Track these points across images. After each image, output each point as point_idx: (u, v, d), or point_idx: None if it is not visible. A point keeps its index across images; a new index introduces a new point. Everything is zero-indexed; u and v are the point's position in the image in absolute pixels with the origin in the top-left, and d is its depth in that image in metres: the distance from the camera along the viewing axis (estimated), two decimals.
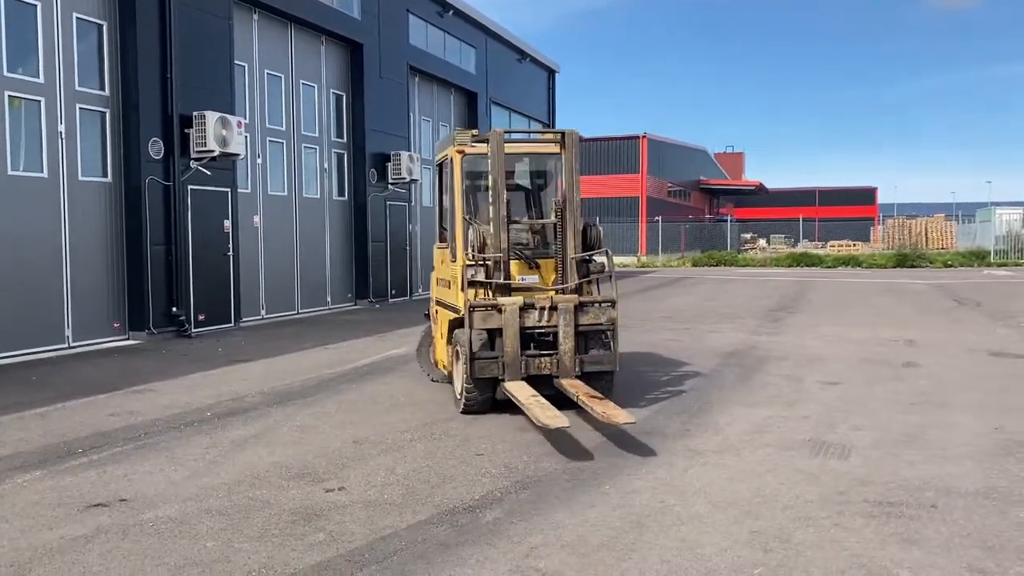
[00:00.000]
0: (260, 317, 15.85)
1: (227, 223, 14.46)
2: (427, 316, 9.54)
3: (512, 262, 7.78)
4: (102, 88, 12.46)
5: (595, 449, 6.38)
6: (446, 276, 8.51)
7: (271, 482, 5.60)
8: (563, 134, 7.80)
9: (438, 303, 8.89)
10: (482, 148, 7.88)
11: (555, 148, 8.15)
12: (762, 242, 57.10)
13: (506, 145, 7.70)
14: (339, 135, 18.57)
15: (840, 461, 5.98)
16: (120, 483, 5.60)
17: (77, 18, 12.01)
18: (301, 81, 17.20)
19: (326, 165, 18.10)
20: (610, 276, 7.90)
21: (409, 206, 20.60)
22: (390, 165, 19.25)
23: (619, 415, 6.53)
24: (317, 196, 17.81)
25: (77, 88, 12.03)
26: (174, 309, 13.19)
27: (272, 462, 6.09)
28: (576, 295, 7.60)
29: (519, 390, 7.10)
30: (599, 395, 7.07)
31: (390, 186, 19.42)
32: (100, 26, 12.41)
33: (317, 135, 17.79)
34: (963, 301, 18.67)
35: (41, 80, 11.50)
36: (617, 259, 41.63)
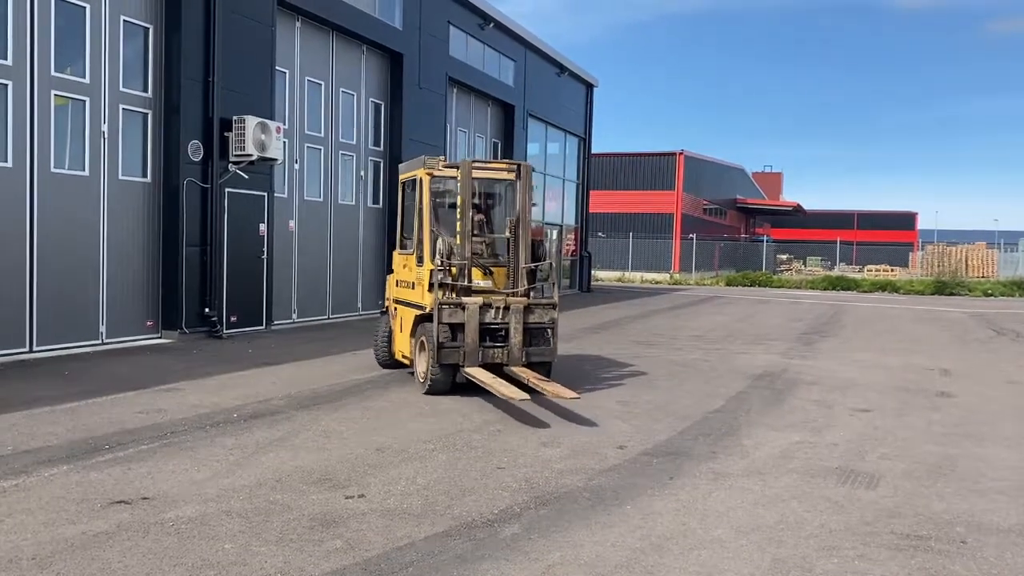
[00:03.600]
0: (291, 321, 15.97)
1: (262, 227, 14.61)
2: (383, 313, 11.04)
3: (477, 268, 9.28)
4: (145, 90, 12.68)
5: (616, 468, 6.32)
6: (408, 279, 9.95)
7: (292, 486, 5.62)
8: (519, 166, 9.44)
9: (398, 302, 10.26)
10: (449, 172, 9.46)
11: (512, 176, 9.65)
12: (798, 264, 56.50)
13: (473, 171, 9.29)
14: (376, 143, 18.71)
15: (868, 491, 5.86)
16: (144, 481, 5.64)
17: (124, 21, 12.25)
18: (341, 89, 17.36)
19: (362, 173, 18.23)
20: (554, 283, 9.55)
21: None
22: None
23: (565, 392, 7.92)
24: (352, 203, 17.94)
25: (121, 89, 12.25)
26: (207, 310, 13.33)
27: (294, 466, 6.10)
28: (525, 298, 9.08)
29: (480, 374, 8.57)
30: (545, 378, 8.58)
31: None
32: (146, 29, 12.64)
33: (354, 143, 17.94)
34: (1002, 331, 18.29)
35: (87, 80, 11.73)
36: (648, 275, 41.40)
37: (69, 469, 5.87)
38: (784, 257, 57.34)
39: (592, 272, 32.60)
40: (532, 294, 9.29)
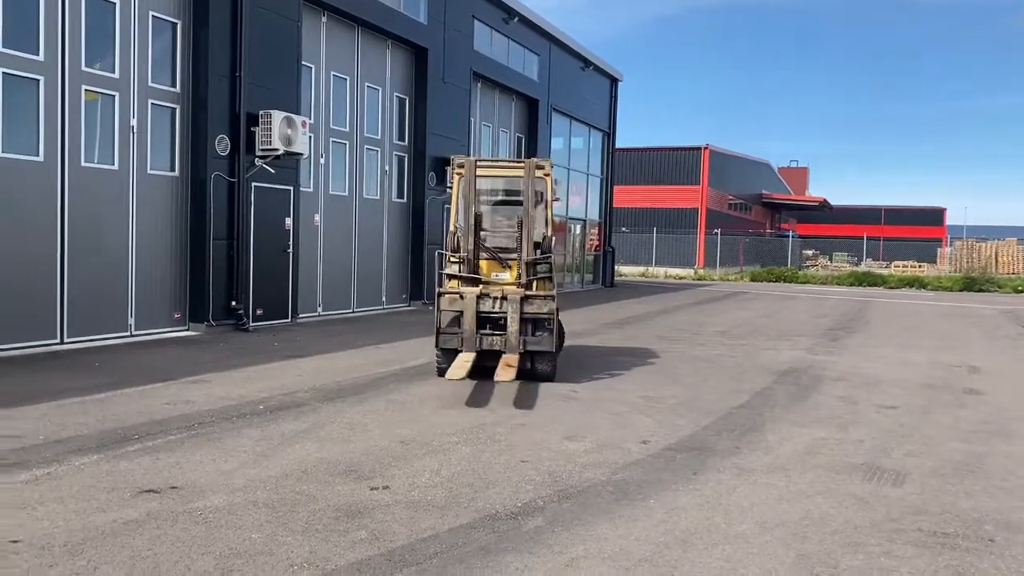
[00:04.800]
0: (316, 314, 16.08)
1: (288, 221, 14.71)
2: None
3: (489, 262, 9.90)
4: (173, 85, 12.80)
5: (640, 462, 6.32)
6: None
7: (318, 477, 5.67)
8: (526, 163, 9.81)
9: None
10: (498, 172, 10.27)
11: (541, 173, 9.99)
12: (824, 259, 55.99)
13: (479, 169, 9.96)
14: (400, 138, 18.77)
15: (894, 488, 5.81)
16: (172, 471, 5.72)
17: (153, 16, 12.37)
18: (366, 84, 17.43)
19: (387, 167, 18.30)
20: (550, 276, 9.77)
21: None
22: (449, 169, 19.34)
23: (504, 376, 8.51)
24: (377, 197, 18.02)
25: (150, 84, 12.38)
26: (233, 303, 13.46)
27: (320, 458, 6.16)
28: (524, 289, 9.41)
29: (464, 356, 9.04)
30: (513, 365, 8.85)
31: (448, 189, 19.51)
32: (174, 24, 12.76)
33: (379, 137, 18.01)
34: None
35: (116, 75, 11.87)
36: (672, 271, 41.24)
37: (99, 458, 5.96)
38: (810, 253, 56.88)
39: (616, 267, 32.50)
40: (537, 286, 9.59)
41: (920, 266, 46.93)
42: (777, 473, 6.11)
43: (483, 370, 9.12)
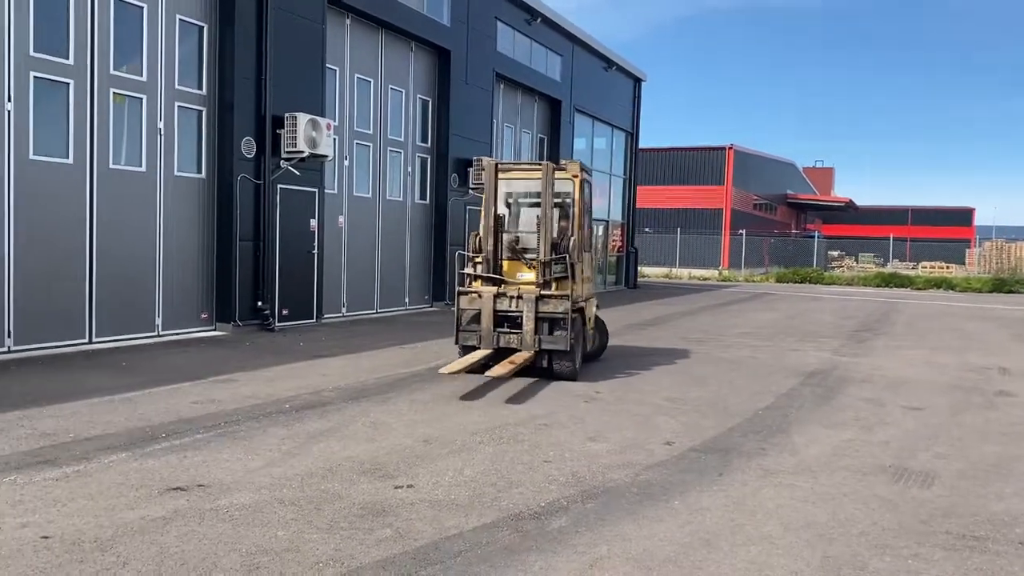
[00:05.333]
0: (341, 314, 16.18)
1: (313, 222, 14.82)
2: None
3: (514, 262, 10.11)
4: (200, 87, 12.94)
5: (664, 463, 6.29)
6: None
7: (343, 476, 5.71)
8: (543, 166, 9.85)
9: None
10: (520, 175, 10.56)
11: (569, 176, 10.23)
12: (850, 260, 55.47)
13: (531, 171, 10.36)
14: (423, 139, 18.84)
15: (922, 490, 5.75)
16: (199, 469, 5.78)
17: (180, 19, 12.51)
18: (389, 86, 17.51)
19: (410, 169, 18.38)
20: (564, 276, 9.76)
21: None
22: (472, 170, 19.41)
23: (498, 371, 8.78)
24: (400, 199, 18.10)
25: (177, 87, 12.52)
26: (259, 303, 13.58)
27: (345, 456, 6.20)
28: (539, 288, 9.57)
29: (473, 355, 9.43)
30: (515, 362, 9.13)
31: (471, 191, 19.58)
32: (201, 28, 12.89)
33: (402, 139, 18.08)
34: None
35: (144, 78, 12.01)
36: (697, 272, 41.06)
37: (128, 456, 6.03)
38: (836, 253, 56.35)
39: (639, 268, 32.40)
40: (555, 286, 9.68)
41: (948, 267, 46.35)
42: (803, 474, 6.06)
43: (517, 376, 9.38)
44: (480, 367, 9.20)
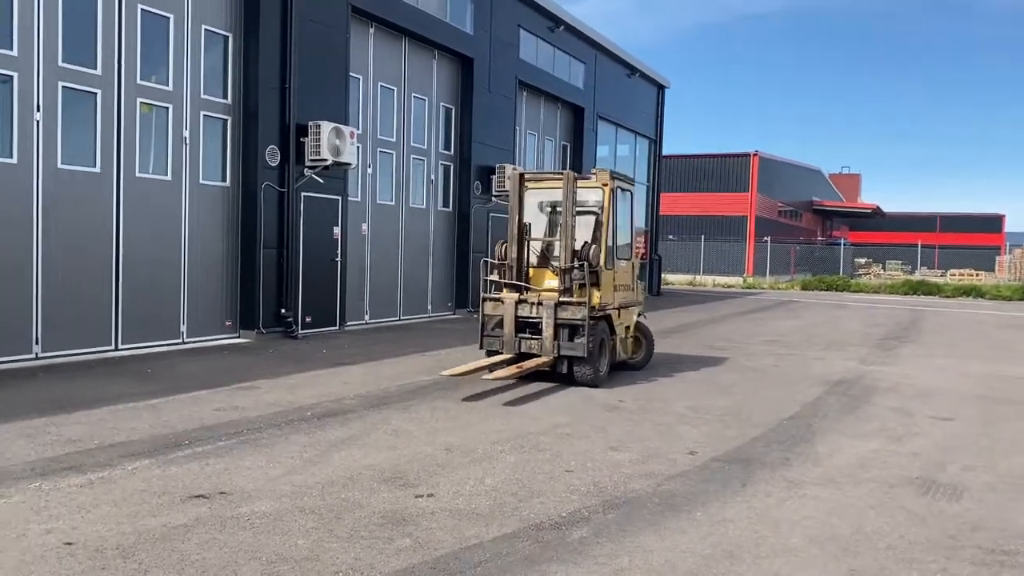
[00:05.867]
0: (363, 322, 16.23)
1: (336, 230, 14.89)
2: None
3: (542, 269, 10.40)
4: (225, 96, 13.06)
5: (687, 474, 6.24)
6: None
7: (363, 484, 5.70)
8: (565, 175, 9.97)
9: None
10: (546, 184, 10.70)
11: (598, 184, 10.36)
12: (877, 268, 54.90)
13: (554, 181, 10.44)
14: (446, 147, 18.89)
15: (950, 503, 5.65)
16: (221, 476, 5.81)
17: (206, 30, 12.65)
18: (412, 94, 17.58)
19: (432, 176, 18.43)
20: (584, 284, 9.78)
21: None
22: (494, 177, 19.44)
23: (500, 373, 9.16)
24: (423, 206, 18.15)
25: (202, 96, 12.65)
26: (283, 311, 13.65)
27: (366, 464, 6.20)
28: (559, 295, 9.76)
29: (493, 356, 9.93)
30: (523, 366, 9.45)
31: (493, 198, 19.61)
32: (226, 37, 13.02)
33: (425, 147, 18.14)
34: None
35: (170, 88, 12.14)
36: (721, 279, 40.74)
37: (151, 463, 6.07)
38: (862, 261, 55.82)
39: (662, 275, 32.25)
40: (577, 294, 9.77)
41: (977, 275, 45.74)
42: (828, 486, 5.98)
43: (535, 374, 9.69)
44: (485, 369, 9.52)
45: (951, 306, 28.28)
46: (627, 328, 10.93)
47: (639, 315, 11.47)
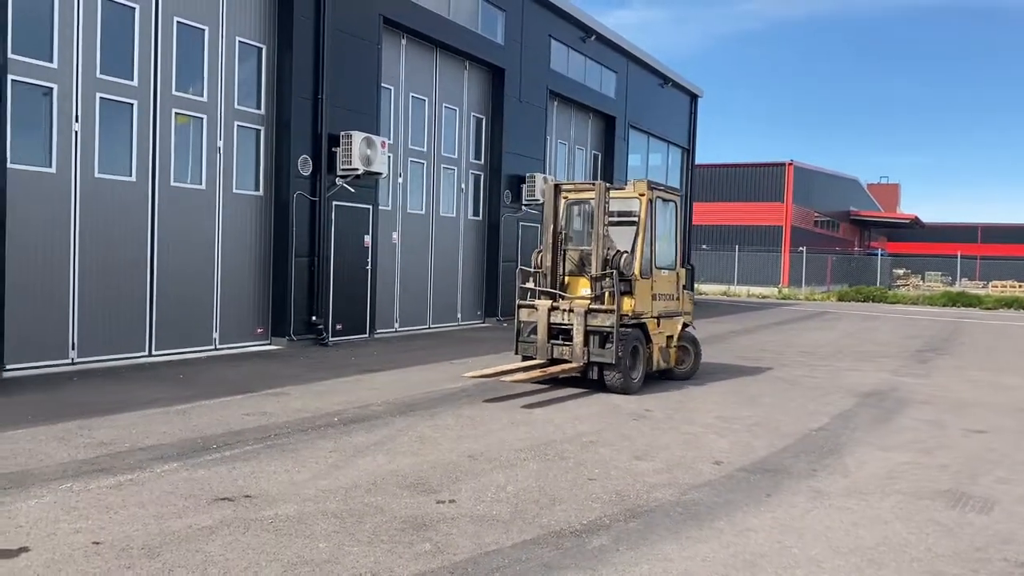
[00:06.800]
0: (393, 330, 16.33)
1: (367, 238, 15.02)
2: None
3: (579, 277, 10.48)
4: (258, 107, 13.26)
5: (711, 483, 6.19)
6: None
7: (386, 489, 5.74)
8: (596, 185, 10.13)
9: None
10: (581, 195, 10.74)
11: (635, 194, 10.46)
12: (915, 279, 54.03)
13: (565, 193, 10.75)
14: (477, 156, 18.98)
15: (980, 515, 5.54)
16: (247, 480, 5.88)
17: (240, 41, 12.86)
18: (443, 104, 17.71)
19: (463, 186, 18.52)
20: (622, 292, 9.87)
21: (542, 227, 20.75)
22: (524, 187, 19.49)
23: (519, 376, 9.43)
24: (453, 215, 18.24)
25: (236, 107, 12.86)
26: (314, 318, 13.79)
27: (390, 470, 6.24)
28: (589, 302, 9.92)
29: (523, 363, 10.21)
30: (547, 372, 9.75)
31: (523, 207, 19.65)
32: (259, 49, 13.23)
33: (456, 156, 18.24)
34: None
35: (205, 99, 12.36)
36: (755, 290, 40.28)
37: (179, 466, 6.17)
38: (901, 272, 54.98)
39: (695, 285, 32.04)
40: (608, 301, 9.90)
41: (1020, 286, 44.79)
42: (855, 497, 5.89)
43: (566, 381, 10.05)
44: (508, 372, 9.80)
45: (991, 318, 27.73)
46: (669, 337, 10.89)
47: (686, 326, 11.42)
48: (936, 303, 34.99)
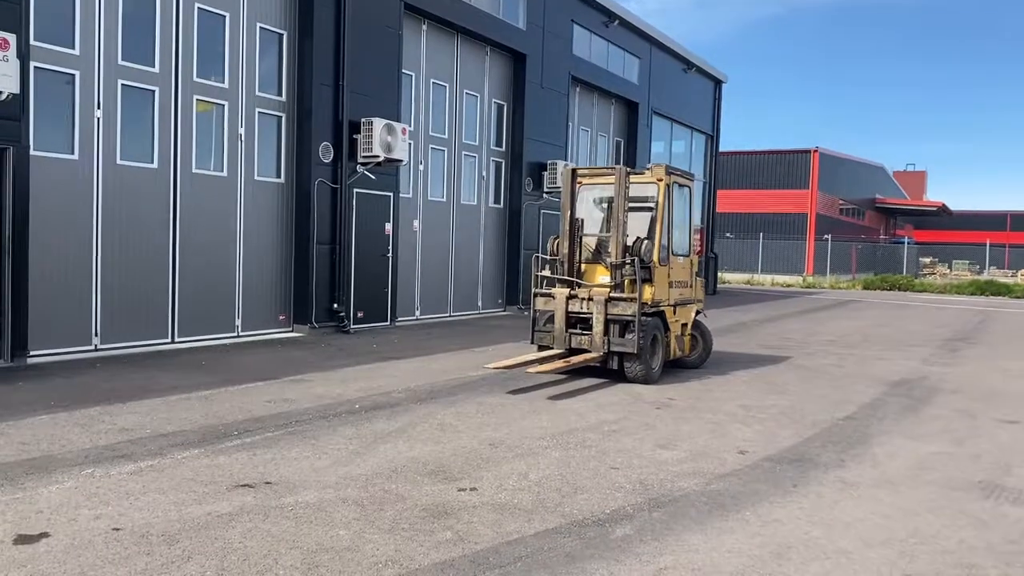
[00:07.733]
0: (414, 317, 16.31)
1: (388, 226, 14.97)
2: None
3: (596, 265, 10.28)
4: (279, 94, 13.23)
5: (736, 473, 6.08)
6: None
7: (407, 477, 5.69)
8: (617, 170, 9.90)
9: None
10: (599, 180, 10.57)
11: (653, 179, 10.22)
12: (942, 267, 53.31)
13: (582, 179, 10.52)
14: (498, 143, 18.87)
15: (1014, 507, 5.40)
16: (267, 466, 5.85)
17: (261, 28, 12.82)
18: (464, 90, 17.59)
19: (484, 173, 18.42)
20: (635, 279, 9.58)
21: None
22: (546, 174, 19.34)
23: (541, 367, 9.22)
24: (474, 203, 18.15)
25: (257, 93, 12.83)
26: (335, 305, 13.78)
27: (410, 457, 6.19)
28: (610, 291, 9.68)
29: (544, 351, 9.90)
30: (568, 361, 9.46)
31: (545, 195, 19.51)
32: (280, 35, 13.19)
33: (477, 143, 18.14)
34: None
35: (226, 85, 12.34)
36: (780, 278, 39.91)
37: (200, 452, 6.16)
38: (927, 260, 54.21)
39: (719, 274, 31.76)
40: (627, 289, 9.68)
41: None
42: (884, 488, 5.77)
43: (585, 370, 9.77)
44: (531, 363, 9.55)
45: (1021, 307, 27.27)
46: (683, 325, 10.75)
47: (698, 313, 11.28)
48: (964, 292, 34.47)
